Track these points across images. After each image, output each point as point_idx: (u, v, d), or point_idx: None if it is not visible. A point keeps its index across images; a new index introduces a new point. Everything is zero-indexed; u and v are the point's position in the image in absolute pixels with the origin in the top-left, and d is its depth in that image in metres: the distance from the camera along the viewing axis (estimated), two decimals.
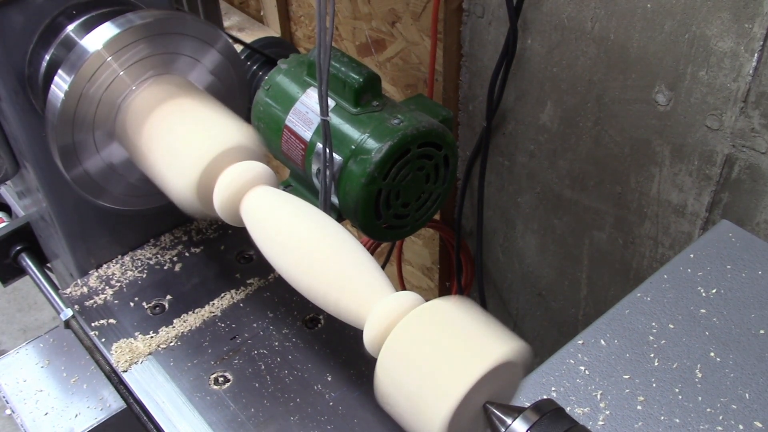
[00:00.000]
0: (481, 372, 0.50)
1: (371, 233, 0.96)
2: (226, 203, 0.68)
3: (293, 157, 0.98)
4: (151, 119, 0.77)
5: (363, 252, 0.62)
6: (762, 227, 1.05)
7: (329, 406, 0.87)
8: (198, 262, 1.04)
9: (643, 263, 1.25)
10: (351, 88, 0.92)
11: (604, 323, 0.87)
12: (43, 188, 0.93)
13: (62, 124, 0.78)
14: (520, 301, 1.59)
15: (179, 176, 0.71)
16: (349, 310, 0.58)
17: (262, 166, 0.70)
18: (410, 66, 1.44)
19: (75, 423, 0.92)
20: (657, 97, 1.07)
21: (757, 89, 0.96)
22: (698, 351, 0.83)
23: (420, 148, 0.92)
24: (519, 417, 0.51)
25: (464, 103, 1.40)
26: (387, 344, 0.54)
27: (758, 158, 1.00)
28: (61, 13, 0.84)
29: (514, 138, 1.35)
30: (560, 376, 0.82)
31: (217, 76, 0.89)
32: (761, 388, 0.79)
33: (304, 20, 1.69)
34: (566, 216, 1.34)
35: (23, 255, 1.13)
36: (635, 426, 0.77)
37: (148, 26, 0.79)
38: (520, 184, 1.40)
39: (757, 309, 0.87)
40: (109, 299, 0.99)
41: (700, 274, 0.91)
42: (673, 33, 1.00)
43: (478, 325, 0.54)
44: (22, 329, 2.43)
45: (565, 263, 1.41)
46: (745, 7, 0.92)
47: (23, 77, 0.85)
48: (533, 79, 1.24)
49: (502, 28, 1.22)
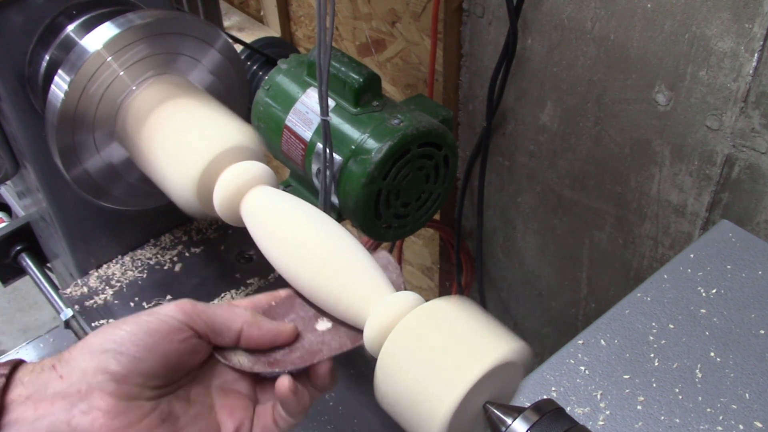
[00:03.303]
0: (482, 372, 0.50)
1: (371, 233, 0.96)
2: (226, 203, 0.68)
3: (293, 157, 0.98)
4: (151, 119, 0.77)
5: (363, 252, 0.62)
6: (762, 227, 1.05)
7: (329, 406, 0.87)
8: (198, 262, 1.05)
9: (643, 263, 1.25)
10: (351, 88, 0.92)
11: (604, 323, 0.87)
12: (43, 188, 0.93)
13: (62, 124, 0.78)
14: (520, 301, 1.59)
15: (179, 176, 0.71)
16: (349, 309, 0.58)
17: (262, 166, 0.70)
18: (410, 66, 1.44)
19: None
20: (657, 97, 1.07)
21: (757, 89, 0.96)
22: (698, 351, 0.83)
23: (420, 148, 0.92)
24: (519, 417, 0.51)
25: (464, 103, 1.41)
26: (387, 344, 0.54)
27: (758, 158, 1.00)
28: (61, 13, 0.84)
29: (514, 138, 1.35)
30: (560, 376, 0.82)
31: (217, 76, 0.89)
32: (761, 388, 0.79)
33: (304, 20, 1.69)
34: (566, 216, 1.34)
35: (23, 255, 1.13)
36: (635, 426, 0.77)
37: (148, 26, 0.79)
38: (520, 184, 1.40)
39: (757, 309, 0.87)
40: (109, 299, 0.99)
41: (700, 274, 0.91)
42: (673, 33, 1.00)
43: (478, 325, 0.54)
44: (22, 329, 2.43)
45: (565, 263, 1.41)
46: (745, 7, 0.92)
47: (23, 77, 0.85)
48: (533, 79, 1.24)
49: (502, 28, 1.22)
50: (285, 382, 0.56)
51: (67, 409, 0.50)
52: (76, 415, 0.50)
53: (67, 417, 0.50)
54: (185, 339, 0.54)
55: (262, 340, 0.58)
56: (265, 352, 0.59)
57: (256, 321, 0.58)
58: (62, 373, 0.51)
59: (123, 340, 0.52)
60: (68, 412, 0.50)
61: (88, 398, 0.50)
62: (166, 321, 0.54)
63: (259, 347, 0.59)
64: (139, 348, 0.52)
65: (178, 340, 0.54)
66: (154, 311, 0.55)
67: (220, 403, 0.58)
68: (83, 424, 0.50)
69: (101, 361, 0.51)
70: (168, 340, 0.53)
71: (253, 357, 0.59)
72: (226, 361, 0.58)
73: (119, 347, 0.52)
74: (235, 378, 0.59)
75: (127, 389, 0.51)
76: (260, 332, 0.58)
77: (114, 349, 0.52)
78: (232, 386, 0.59)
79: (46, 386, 0.51)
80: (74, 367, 0.51)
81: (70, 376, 0.51)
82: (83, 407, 0.50)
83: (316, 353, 0.58)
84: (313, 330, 0.61)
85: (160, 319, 0.54)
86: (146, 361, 0.52)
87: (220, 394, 0.59)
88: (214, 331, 0.57)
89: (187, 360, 0.55)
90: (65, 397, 0.50)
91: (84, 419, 0.50)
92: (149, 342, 0.52)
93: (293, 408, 0.57)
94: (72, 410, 0.50)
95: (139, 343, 0.52)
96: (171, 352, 0.54)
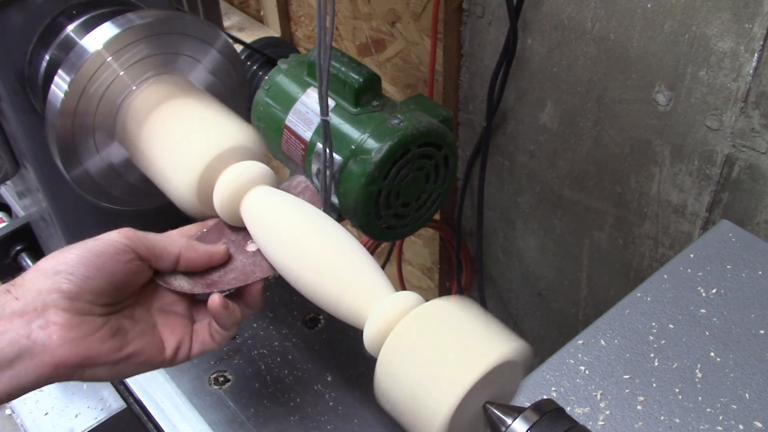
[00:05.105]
0: (482, 371, 0.50)
1: (371, 233, 0.96)
2: (227, 203, 0.68)
3: (293, 157, 0.98)
4: (152, 119, 0.77)
5: (363, 252, 0.62)
6: (762, 227, 1.05)
7: (329, 406, 0.87)
8: None
9: (643, 263, 1.25)
10: (351, 88, 0.92)
11: (604, 323, 0.87)
12: (43, 188, 0.93)
13: (62, 124, 0.78)
14: (520, 301, 1.59)
15: (179, 176, 0.71)
16: (350, 309, 0.58)
17: (262, 166, 0.70)
18: (410, 66, 1.44)
19: (75, 423, 0.92)
20: (657, 97, 1.07)
21: (757, 89, 0.96)
22: (698, 351, 0.83)
23: (420, 148, 0.92)
24: (519, 417, 0.51)
25: (464, 103, 1.40)
26: (387, 344, 0.54)
27: (758, 158, 1.00)
28: (61, 13, 0.84)
29: (514, 138, 1.35)
30: (560, 376, 0.82)
31: (217, 76, 0.89)
32: (761, 388, 0.79)
33: (304, 20, 1.69)
34: (566, 216, 1.34)
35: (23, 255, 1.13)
36: (635, 426, 0.77)
37: (148, 26, 0.79)
38: (520, 184, 1.40)
39: (757, 309, 0.87)
40: None
41: (700, 274, 0.91)
42: (673, 33, 1.00)
43: (478, 325, 0.54)
44: None
45: (565, 263, 1.41)
46: (745, 7, 0.92)
47: (23, 77, 0.85)
48: (533, 79, 1.24)
49: (502, 28, 1.22)
50: (216, 299, 0.62)
51: (26, 325, 0.55)
52: (35, 330, 0.55)
53: (26, 331, 0.55)
54: (129, 261, 0.60)
55: (199, 261, 0.64)
56: (202, 275, 0.65)
57: (191, 245, 0.64)
58: (17, 295, 0.56)
59: (73, 261, 0.57)
60: (27, 327, 0.55)
61: (44, 314, 0.55)
62: (111, 244, 0.59)
63: (196, 269, 0.65)
64: (88, 268, 0.57)
65: (123, 261, 0.60)
66: (100, 237, 0.60)
67: (161, 323, 0.64)
68: (41, 337, 0.55)
69: (54, 281, 0.56)
70: (114, 260, 0.59)
71: (191, 280, 0.64)
72: (166, 285, 0.64)
73: (70, 268, 0.57)
74: (173, 300, 0.66)
75: (80, 305, 0.57)
76: (196, 254, 0.64)
77: (65, 270, 0.57)
78: (171, 308, 0.66)
79: (3, 307, 0.56)
80: (29, 288, 0.56)
81: (25, 297, 0.56)
82: (40, 323, 0.55)
83: (250, 274, 0.64)
84: (244, 251, 0.66)
85: (106, 242, 0.59)
86: (95, 279, 0.58)
87: (160, 315, 0.65)
88: (155, 254, 0.62)
89: (131, 280, 0.61)
90: (22, 315, 0.55)
91: (42, 333, 0.55)
92: (97, 262, 0.58)
93: (226, 322, 0.64)
94: (30, 325, 0.55)
95: (88, 263, 0.58)
96: (117, 272, 0.59)
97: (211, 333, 0.65)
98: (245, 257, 0.66)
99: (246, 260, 0.66)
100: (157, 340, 0.63)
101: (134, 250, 0.61)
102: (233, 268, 0.65)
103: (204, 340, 0.65)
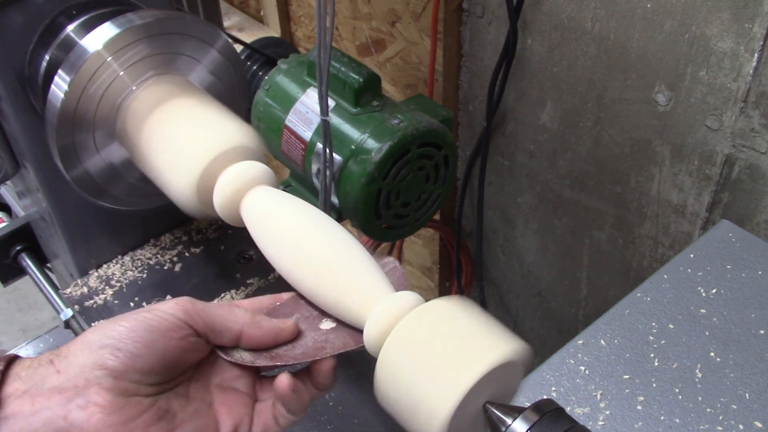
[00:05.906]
0: (482, 372, 0.50)
1: (371, 233, 0.97)
2: (227, 203, 0.68)
3: (293, 157, 0.98)
4: (152, 119, 0.77)
5: (363, 252, 0.62)
6: (762, 227, 1.05)
7: (329, 406, 0.87)
8: (198, 262, 1.05)
9: (643, 263, 1.25)
10: (351, 88, 0.92)
11: (604, 323, 0.87)
12: (43, 188, 0.93)
13: (62, 124, 0.78)
14: (520, 301, 1.59)
15: (179, 176, 0.71)
16: (350, 309, 0.58)
17: (262, 166, 0.70)
18: (410, 66, 1.44)
19: None
20: (657, 97, 1.07)
21: (757, 89, 0.96)
22: (698, 351, 0.83)
23: (420, 148, 0.92)
24: (519, 417, 0.51)
25: (464, 103, 1.41)
26: (387, 344, 0.54)
27: (758, 158, 1.00)
28: (61, 13, 0.84)
29: (514, 138, 1.35)
30: (560, 376, 0.82)
31: (217, 76, 0.89)
32: (761, 388, 0.79)
33: (304, 20, 1.69)
34: (566, 216, 1.34)
35: (23, 255, 1.13)
36: (635, 426, 0.77)
37: (148, 26, 0.79)
38: (520, 184, 1.40)
39: (757, 309, 0.87)
40: (109, 299, 0.99)
41: (700, 274, 0.91)
42: (673, 33, 1.00)
43: (478, 325, 0.54)
44: (22, 329, 2.43)
45: (565, 263, 1.41)
46: (745, 7, 0.92)
47: (23, 77, 0.85)
48: (533, 79, 1.24)
49: (502, 28, 1.22)
50: (284, 380, 0.56)
51: (64, 404, 0.50)
52: (73, 410, 0.49)
53: (63, 411, 0.49)
54: (184, 337, 0.54)
55: (264, 339, 0.58)
56: (268, 348, 0.59)
57: (256, 321, 0.58)
58: (59, 368, 0.51)
59: (121, 336, 0.52)
60: (65, 407, 0.50)
61: (85, 393, 0.50)
62: (165, 318, 0.53)
63: (260, 347, 0.58)
64: (137, 344, 0.51)
65: (177, 338, 0.53)
66: (153, 308, 0.54)
67: (219, 401, 0.58)
68: (80, 419, 0.49)
69: (99, 356, 0.51)
70: (166, 337, 0.53)
71: (255, 352, 0.58)
72: (227, 356, 0.58)
73: (117, 343, 0.51)
74: (235, 375, 0.59)
75: (125, 385, 0.51)
76: (261, 332, 0.58)
77: (112, 344, 0.51)
78: (232, 384, 0.59)
79: (44, 381, 0.50)
80: (72, 362, 0.51)
81: (67, 371, 0.51)
82: (80, 402, 0.50)
83: (319, 350, 0.58)
84: (316, 329, 0.60)
85: (159, 317, 0.53)
86: (144, 357, 0.52)
87: (219, 392, 0.58)
88: (213, 330, 0.56)
89: (185, 357, 0.55)
90: (62, 391, 0.50)
91: (81, 414, 0.49)
92: (147, 339, 0.52)
93: (293, 405, 0.57)
94: (69, 405, 0.50)
95: (137, 339, 0.52)
96: (169, 349, 0.53)
97: (275, 415, 0.58)
98: (317, 334, 0.60)
99: (317, 337, 0.60)
100: (211, 422, 0.56)
101: (191, 325, 0.54)
102: (302, 344, 0.59)
103: (266, 422, 0.58)
